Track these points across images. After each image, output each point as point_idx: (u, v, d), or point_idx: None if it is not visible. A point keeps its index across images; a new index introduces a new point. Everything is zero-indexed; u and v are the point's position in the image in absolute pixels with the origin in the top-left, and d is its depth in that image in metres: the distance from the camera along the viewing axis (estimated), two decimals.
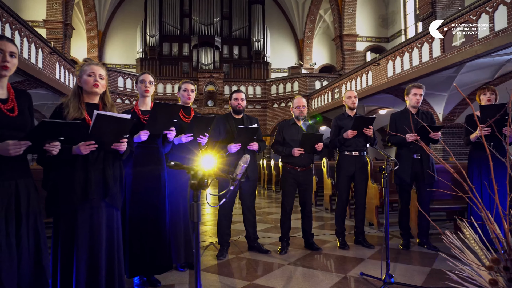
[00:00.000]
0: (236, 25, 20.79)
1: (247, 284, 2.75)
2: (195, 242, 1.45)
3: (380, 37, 17.99)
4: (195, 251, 1.45)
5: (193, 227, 1.48)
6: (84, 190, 2.06)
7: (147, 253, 2.63)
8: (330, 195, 6.54)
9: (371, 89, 11.71)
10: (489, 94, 3.61)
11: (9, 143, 1.66)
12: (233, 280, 2.85)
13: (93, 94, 2.20)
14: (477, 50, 7.34)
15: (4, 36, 1.85)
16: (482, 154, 3.61)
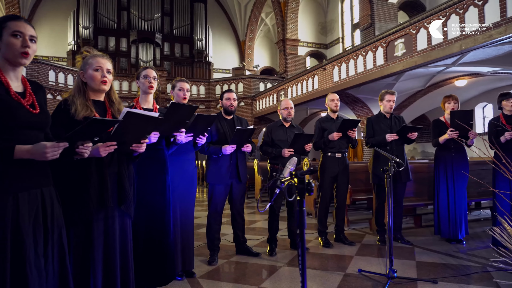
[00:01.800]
0: (177, 22, 20.25)
1: None
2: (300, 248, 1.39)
3: (320, 43, 18.90)
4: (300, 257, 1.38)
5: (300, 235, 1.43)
6: (100, 197, 1.85)
7: (152, 263, 2.44)
8: (315, 199, 5.85)
9: (317, 92, 12.23)
10: (453, 102, 4.01)
11: (46, 145, 1.41)
12: (242, 285, 2.79)
13: (100, 91, 1.97)
14: (416, 61, 8.09)
15: (21, 17, 1.58)
16: (447, 154, 4.02)
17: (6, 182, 1.42)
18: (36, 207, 1.50)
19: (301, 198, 1.40)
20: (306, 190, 1.40)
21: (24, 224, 1.44)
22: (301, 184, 1.39)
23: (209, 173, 3.43)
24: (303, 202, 1.42)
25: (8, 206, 1.41)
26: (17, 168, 1.45)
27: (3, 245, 1.37)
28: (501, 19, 6.24)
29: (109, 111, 1.97)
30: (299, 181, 1.39)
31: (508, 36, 6.10)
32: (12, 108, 1.45)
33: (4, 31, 1.48)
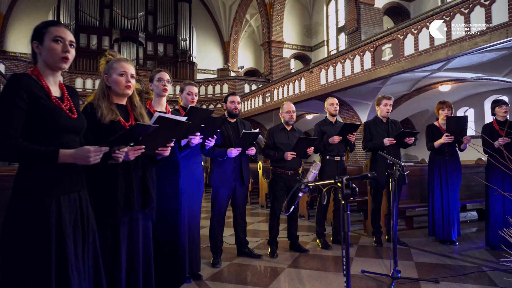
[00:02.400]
0: (161, 21, 20.01)
1: None
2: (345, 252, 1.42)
3: (305, 45, 19.08)
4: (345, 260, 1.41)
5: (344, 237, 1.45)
6: (127, 201, 1.84)
7: (165, 266, 2.42)
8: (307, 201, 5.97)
9: (304, 95, 12.36)
10: (447, 109, 4.16)
11: (89, 150, 1.42)
12: (249, 287, 2.79)
13: (124, 95, 1.96)
14: (403, 66, 8.30)
15: (61, 22, 1.56)
16: (441, 158, 4.15)
17: (50, 186, 1.43)
18: (75, 210, 1.51)
19: (345, 202, 1.44)
20: (351, 195, 1.43)
21: (66, 227, 1.44)
22: (347, 189, 1.42)
23: (213, 176, 3.42)
24: (347, 205, 1.45)
25: (52, 210, 1.41)
26: (58, 171, 1.46)
27: (48, 248, 1.38)
28: (486, 27, 6.49)
29: (131, 115, 1.97)
30: (345, 186, 1.42)
31: (493, 44, 6.35)
32: (54, 113, 1.46)
33: (45, 36, 1.50)
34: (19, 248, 1.35)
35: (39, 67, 1.52)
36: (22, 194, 1.40)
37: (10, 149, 1.35)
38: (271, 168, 3.86)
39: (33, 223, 1.37)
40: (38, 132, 1.44)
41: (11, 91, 1.39)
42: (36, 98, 1.43)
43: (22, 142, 1.38)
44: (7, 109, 1.37)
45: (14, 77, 1.42)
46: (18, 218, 1.37)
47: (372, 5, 12.42)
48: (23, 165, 1.43)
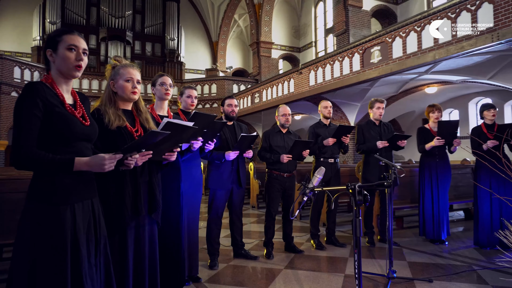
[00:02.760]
0: (149, 20, 19.82)
1: None
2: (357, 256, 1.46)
3: (293, 46, 19.19)
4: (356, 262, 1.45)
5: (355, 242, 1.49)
6: (134, 206, 1.85)
7: (167, 270, 2.43)
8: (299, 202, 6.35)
9: (293, 96, 12.44)
10: (437, 112, 4.27)
11: (105, 157, 1.43)
12: None
13: (130, 101, 1.97)
14: (392, 68, 8.46)
15: (74, 30, 1.56)
16: (431, 160, 4.26)
17: (65, 194, 1.43)
18: (88, 217, 1.52)
19: (357, 208, 1.48)
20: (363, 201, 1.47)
21: (80, 234, 1.45)
22: (359, 195, 1.46)
23: (210, 178, 3.43)
24: (359, 211, 1.49)
25: (67, 218, 1.42)
26: (73, 179, 1.47)
27: (64, 257, 1.38)
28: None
29: (137, 120, 1.97)
30: (357, 193, 1.47)
31: (478, 48, 6.54)
32: (68, 121, 1.47)
33: (59, 44, 1.50)
34: (34, 257, 1.35)
35: (52, 75, 1.53)
36: (37, 203, 1.40)
37: (27, 158, 1.36)
38: (267, 170, 3.89)
39: (48, 232, 1.38)
40: (52, 140, 1.44)
41: (27, 100, 1.39)
42: (51, 106, 1.43)
43: (39, 151, 1.38)
44: (24, 118, 1.37)
45: (30, 86, 1.42)
46: (33, 227, 1.37)
47: (360, 8, 12.59)
48: (38, 174, 1.43)
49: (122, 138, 1.83)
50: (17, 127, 1.37)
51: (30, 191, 1.42)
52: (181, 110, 3.04)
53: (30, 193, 1.41)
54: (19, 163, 1.37)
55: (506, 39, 6.13)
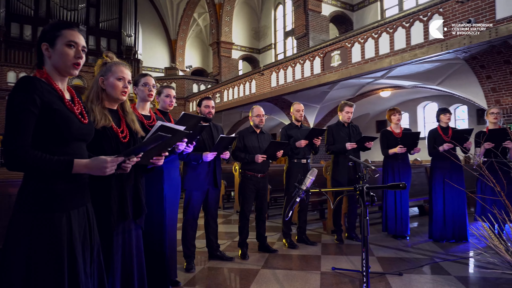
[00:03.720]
0: (104, 15, 19.01)
1: None
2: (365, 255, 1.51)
3: (253, 47, 19.33)
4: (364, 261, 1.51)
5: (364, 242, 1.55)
6: (121, 211, 1.79)
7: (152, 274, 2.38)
8: None
9: (254, 97, 12.55)
10: (398, 115, 4.56)
11: (107, 160, 1.36)
12: None
13: (118, 101, 1.89)
14: (351, 72, 8.84)
15: (73, 24, 1.47)
16: (394, 162, 4.53)
17: (60, 200, 1.34)
18: (84, 224, 1.43)
19: (365, 208, 1.55)
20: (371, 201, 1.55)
21: (76, 243, 1.36)
22: (367, 196, 1.54)
23: (186, 179, 3.39)
24: (367, 211, 1.56)
25: (63, 226, 1.32)
26: (69, 184, 1.37)
27: (61, 268, 1.29)
28: (424, 41, 7.18)
29: (123, 121, 1.90)
30: (366, 194, 1.54)
31: (429, 56, 7.05)
32: (66, 118, 1.37)
33: (58, 39, 1.39)
34: (29, 270, 1.26)
35: (47, 71, 1.42)
36: (30, 210, 1.29)
37: (22, 158, 1.25)
38: (240, 170, 3.92)
39: (43, 244, 1.28)
40: (47, 139, 1.34)
41: (22, 95, 1.28)
42: (49, 102, 1.33)
43: (35, 151, 1.28)
44: (20, 115, 1.26)
45: (26, 80, 1.31)
46: (25, 238, 1.27)
47: (320, 13, 13.00)
48: (29, 178, 1.32)
49: (107, 139, 1.76)
50: (11, 125, 1.26)
51: (20, 197, 1.31)
52: (158, 110, 2.97)
53: (21, 200, 1.31)
54: (13, 164, 1.26)
55: (453, 48, 6.67)
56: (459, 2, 6.60)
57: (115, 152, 1.75)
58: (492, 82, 7.38)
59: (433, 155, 4.50)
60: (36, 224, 1.29)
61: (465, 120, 10.95)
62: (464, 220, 4.33)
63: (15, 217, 1.31)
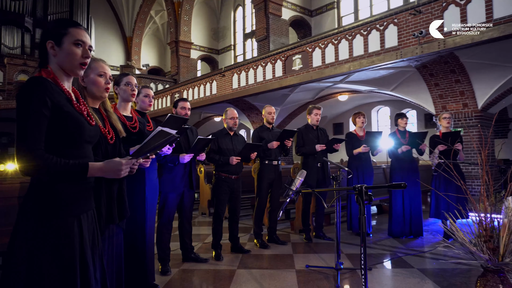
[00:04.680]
0: (53, 7, 17.91)
1: None
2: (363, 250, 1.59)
3: (212, 48, 19.23)
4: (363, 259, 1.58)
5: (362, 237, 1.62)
6: (109, 213, 1.75)
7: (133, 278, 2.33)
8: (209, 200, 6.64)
9: (215, 98, 12.52)
10: (362, 118, 4.82)
11: (122, 163, 1.34)
12: None
13: (101, 99, 1.84)
14: (312, 76, 9.14)
15: (79, 23, 1.42)
16: (358, 163, 4.78)
17: (71, 204, 1.29)
18: (92, 229, 1.38)
19: (362, 208, 1.65)
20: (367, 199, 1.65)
21: (87, 249, 1.33)
22: (366, 196, 1.63)
23: (162, 182, 3.33)
24: (365, 210, 1.66)
25: (75, 232, 1.27)
26: (78, 187, 1.33)
27: (74, 275, 1.24)
28: (381, 49, 7.62)
29: (106, 120, 1.84)
30: (364, 194, 1.63)
31: (385, 63, 7.49)
32: (77, 120, 1.33)
33: (65, 38, 1.34)
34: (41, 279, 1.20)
35: (53, 70, 1.36)
36: (40, 216, 1.23)
37: (38, 163, 1.20)
38: (214, 172, 3.93)
39: (56, 250, 1.23)
40: (58, 142, 1.29)
41: (35, 97, 1.22)
42: (59, 104, 1.28)
43: (50, 155, 1.23)
44: (33, 118, 1.21)
45: (37, 81, 1.25)
46: (35, 246, 1.21)
47: (280, 17, 13.27)
48: (38, 182, 1.26)
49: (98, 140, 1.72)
50: (25, 128, 1.20)
51: (28, 202, 1.25)
52: (136, 111, 2.91)
53: (29, 206, 1.25)
54: (29, 169, 1.21)
55: (407, 57, 7.15)
56: (412, 14, 7.10)
57: (105, 154, 1.71)
58: (439, 89, 8.02)
59: (392, 157, 4.81)
60: (47, 231, 1.24)
61: (414, 124, 11.73)
62: (420, 217, 4.67)
63: (23, 225, 1.24)
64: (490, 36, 5.95)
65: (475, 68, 7.19)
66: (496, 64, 6.96)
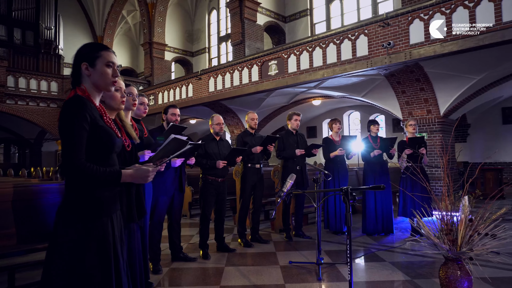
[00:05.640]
0: (18, 3, 17.29)
1: (220, 286, 3.03)
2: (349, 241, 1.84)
3: (186, 50, 19.23)
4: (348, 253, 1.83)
5: (348, 232, 1.87)
6: (129, 213, 1.94)
7: None
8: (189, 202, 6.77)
9: (192, 100, 12.62)
10: (338, 124, 5.17)
11: (149, 170, 1.53)
12: (205, 287, 3.05)
13: (118, 110, 2.03)
14: (287, 81, 9.48)
15: (108, 46, 1.59)
16: (334, 166, 5.12)
17: (105, 205, 1.47)
18: (120, 227, 1.56)
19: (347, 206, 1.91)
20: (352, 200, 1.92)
21: (117, 244, 1.50)
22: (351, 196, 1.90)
23: (154, 184, 3.49)
24: (350, 208, 1.92)
25: (109, 229, 1.46)
26: (110, 191, 1.51)
27: (109, 264, 1.42)
28: (352, 57, 8.07)
29: (122, 130, 2.02)
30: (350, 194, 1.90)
31: (357, 71, 7.95)
32: (110, 134, 1.51)
33: (98, 60, 1.51)
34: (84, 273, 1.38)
35: (87, 88, 1.53)
36: (79, 218, 1.40)
37: (82, 171, 1.37)
38: (201, 175, 4.12)
39: (95, 247, 1.41)
40: (93, 152, 1.46)
41: (78, 113, 1.40)
42: (95, 119, 1.46)
43: (90, 164, 1.40)
44: (76, 132, 1.38)
45: (79, 100, 1.42)
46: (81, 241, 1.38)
47: (255, 22, 13.56)
48: (76, 187, 1.43)
49: None
50: (70, 141, 1.38)
51: (69, 206, 1.42)
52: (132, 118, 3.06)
53: (69, 208, 1.41)
54: (73, 175, 1.39)
55: (376, 66, 7.63)
56: (381, 26, 7.59)
57: (123, 160, 1.90)
58: (406, 97, 8.58)
59: (365, 161, 5.19)
60: (90, 230, 1.41)
61: (382, 128, 12.37)
62: (390, 216, 5.07)
63: (63, 224, 1.40)
64: (450, 50, 6.52)
65: (438, 77, 7.78)
66: (456, 75, 7.58)
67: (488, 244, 2.36)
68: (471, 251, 2.35)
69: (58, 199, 3.16)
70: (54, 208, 3.06)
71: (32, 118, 14.78)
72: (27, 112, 14.62)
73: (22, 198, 2.96)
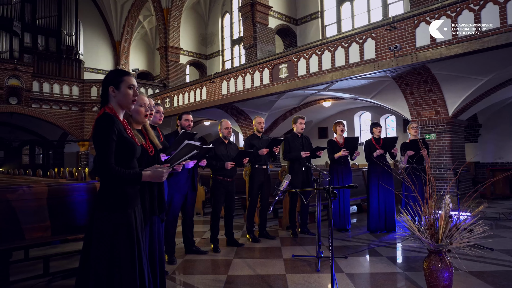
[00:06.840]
0: (42, 11, 18.09)
1: (228, 276, 3.37)
2: (331, 231, 2.15)
3: (200, 53, 19.71)
4: (331, 246, 2.15)
5: (329, 225, 2.18)
6: (151, 207, 2.29)
7: None
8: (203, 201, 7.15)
9: (205, 103, 13.03)
10: (342, 126, 5.43)
11: (163, 171, 1.88)
12: (214, 276, 3.40)
13: (143, 123, 2.38)
14: (297, 84, 9.76)
15: (129, 72, 1.95)
16: (338, 166, 5.39)
17: (130, 200, 1.83)
18: (141, 218, 1.92)
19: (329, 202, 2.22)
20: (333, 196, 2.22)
21: (139, 232, 1.86)
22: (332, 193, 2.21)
23: (168, 184, 3.86)
24: (332, 204, 2.23)
25: (133, 219, 1.81)
26: (133, 189, 1.87)
27: (134, 247, 1.77)
28: (360, 60, 8.29)
29: (147, 138, 2.39)
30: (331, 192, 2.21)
31: (364, 74, 8.16)
32: (132, 143, 1.87)
33: (122, 84, 1.88)
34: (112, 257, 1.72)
35: (113, 106, 1.89)
36: (110, 208, 1.75)
37: (113, 174, 1.74)
38: (212, 176, 4.47)
39: (123, 232, 1.75)
40: (119, 158, 1.82)
41: (109, 127, 1.76)
42: (121, 132, 1.82)
43: (119, 167, 1.77)
44: (107, 142, 1.75)
45: (110, 117, 1.79)
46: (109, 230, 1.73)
47: (266, 25, 13.87)
48: (108, 186, 1.78)
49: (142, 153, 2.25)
50: (103, 150, 1.74)
51: (103, 200, 1.77)
52: None
53: (102, 201, 1.77)
54: (105, 176, 1.75)
55: (384, 68, 7.83)
56: (388, 29, 7.79)
57: (147, 164, 2.26)
58: (414, 98, 8.74)
59: (369, 161, 5.44)
60: (116, 220, 1.76)
61: (394, 129, 12.49)
62: (393, 214, 5.31)
63: (99, 215, 1.76)
64: (456, 52, 6.68)
65: (445, 79, 7.92)
66: (464, 76, 7.71)
67: (466, 238, 2.61)
68: (450, 244, 2.61)
69: (85, 196, 3.56)
70: (82, 204, 3.49)
71: (55, 121, 15.50)
72: (50, 115, 15.34)
73: (55, 196, 3.37)
